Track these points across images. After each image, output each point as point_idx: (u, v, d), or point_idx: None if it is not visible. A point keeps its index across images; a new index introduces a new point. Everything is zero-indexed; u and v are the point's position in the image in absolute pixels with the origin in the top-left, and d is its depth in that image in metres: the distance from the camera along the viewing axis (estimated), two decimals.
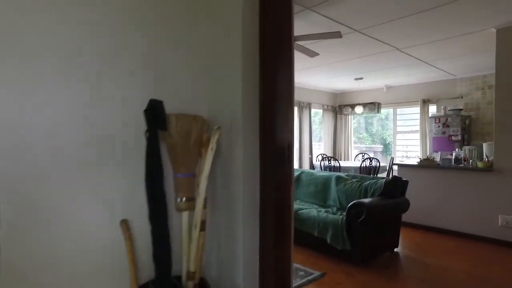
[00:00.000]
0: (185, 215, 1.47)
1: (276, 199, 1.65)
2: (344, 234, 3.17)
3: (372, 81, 7.16)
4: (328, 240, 3.30)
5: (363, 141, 9.50)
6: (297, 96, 7.78)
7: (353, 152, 8.69)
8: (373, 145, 9.63)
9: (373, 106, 6.76)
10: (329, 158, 6.31)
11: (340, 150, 8.76)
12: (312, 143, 8.12)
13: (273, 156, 1.61)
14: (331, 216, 3.44)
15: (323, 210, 3.79)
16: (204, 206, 1.44)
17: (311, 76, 6.77)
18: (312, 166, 7.16)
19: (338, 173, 4.33)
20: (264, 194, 1.61)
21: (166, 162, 1.44)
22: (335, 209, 3.89)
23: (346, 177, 4.14)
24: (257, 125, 1.63)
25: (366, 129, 9.75)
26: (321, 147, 8.67)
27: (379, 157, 8.76)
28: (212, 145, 1.36)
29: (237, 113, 1.56)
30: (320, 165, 6.45)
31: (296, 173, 4.79)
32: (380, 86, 7.71)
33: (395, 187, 3.52)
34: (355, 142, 8.92)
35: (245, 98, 1.56)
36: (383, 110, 7.95)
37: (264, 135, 1.61)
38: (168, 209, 1.39)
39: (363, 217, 3.07)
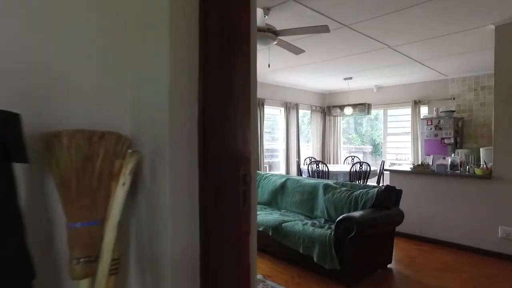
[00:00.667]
0: (83, 285, 0.98)
1: (227, 257, 1.16)
2: (333, 252, 2.83)
3: (362, 81, 6.87)
4: (315, 258, 2.95)
5: (352, 141, 9.24)
6: (284, 96, 7.44)
7: (343, 154, 8.41)
8: (363, 146, 9.38)
9: (363, 107, 6.47)
10: (317, 162, 5.98)
11: (329, 153, 8.46)
12: (300, 145, 7.80)
13: (221, 192, 1.12)
14: (318, 230, 3.09)
15: (309, 222, 3.44)
16: (113, 271, 0.99)
17: (297, 75, 6.44)
18: (299, 171, 6.83)
19: (326, 181, 3.99)
20: (207, 251, 1.09)
21: (56, 205, 0.99)
22: (322, 221, 3.55)
23: (334, 185, 3.80)
24: (195, 144, 1.10)
25: (356, 129, 9.50)
26: (309, 148, 8.35)
27: (368, 158, 8.51)
28: (124, 178, 0.93)
29: (162, 128, 1.05)
30: (308, 169, 6.12)
31: (281, 180, 4.44)
32: (370, 86, 7.43)
33: (388, 197, 3.20)
34: (344, 143, 8.63)
35: (174, 105, 1.05)
36: (373, 111, 7.67)
37: (206, 161, 1.09)
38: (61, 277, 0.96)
39: (353, 233, 2.73)
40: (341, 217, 2.86)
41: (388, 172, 4.51)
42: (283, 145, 7.47)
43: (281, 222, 3.46)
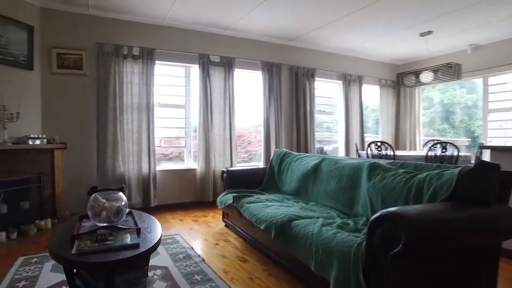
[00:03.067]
0: None
1: None
2: (360, 278, 1.51)
3: (448, 37, 5.02)
4: (331, 284, 1.66)
5: (444, 133, 7.09)
6: (342, 66, 5.97)
7: (422, 140, 6.52)
8: (457, 138, 7.18)
9: (450, 71, 4.65)
10: (379, 144, 4.44)
11: (404, 138, 6.66)
12: (365, 128, 6.21)
13: None
14: (342, 236, 1.78)
15: (338, 221, 2.13)
16: None
17: (357, 35, 4.95)
18: (358, 156, 5.33)
19: (374, 160, 2.58)
20: None
21: None
22: (363, 221, 2.19)
23: (387, 166, 2.38)
24: None
25: (447, 118, 7.30)
26: (378, 133, 6.69)
27: (463, 152, 6.42)
28: None
29: None
30: (367, 154, 4.62)
31: (315, 161, 3.15)
32: (461, 46, 5.47)
33: (484, 184, 1.69)
34: (427, 135, 6.70)
35: None
36: (467, 84, 5.68)
37: None
38: None
39: (399, 246, 1.37)
40: (377, 214, 1.50)
41: (489, 150, 2.83)
42: (342, 127, 6.01)
43: (293, 218, 2.22)
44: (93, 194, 1.94)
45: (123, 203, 1.97)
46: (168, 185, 4.55)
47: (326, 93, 6.10)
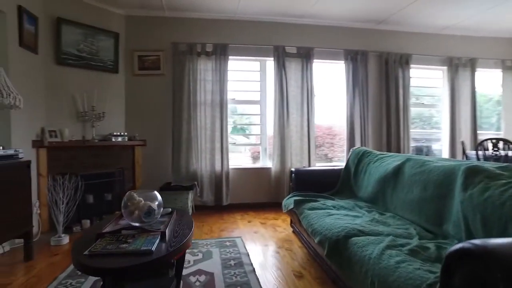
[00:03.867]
0: None
1: None
2: None
3: None
4: None
5: None
6: (445, 49, 4.96)
7: None
8: None
9: None
10: (497, 142, 3.44)
11: None
12: (478, 124, 5.02)
13: None
14: (407, 269, 1.27)
15: (412, 242, 1.58)
16: None
17: (468, 4, 3.96)
18: (465, 157, 4.30)
19: (475, 163, 1.88)
20: None
21: None
22: (452, 246, 1.58)
23: (494, 171, 1.69)
24: None
25: None
26: (501, 130, 5.34)
27: None
28: None
29: None
30: (477, 154, 3.65)
31: (397, 162, 2.55)
32: None
33: None
34: None
35: None
36: None
37: None
38: None
39: None
40: (458, 246, 0.97)
41: None
42: (446, 123, 4.98)
43: (353, 233, 1.75)
44: (129, 192, 1.86)
45: (157, 202, 1.84)
46: (241, 184, 4.42)
47: (425, 82, 5.14)
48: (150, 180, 4.14)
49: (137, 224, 1.73)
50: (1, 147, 2.46)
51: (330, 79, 4.74)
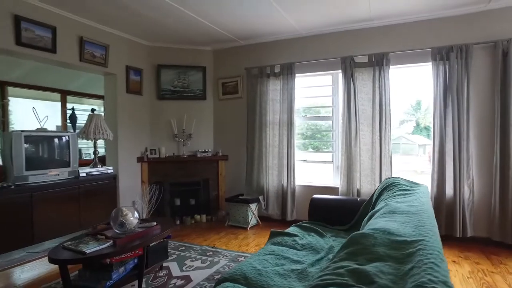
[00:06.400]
0: None
1: None
2: None
3: None
4: None
5: None
6: (501, 30, 3.15)
7: None
8: None
9: None
10: None
11: None
12: None
13: None
14: None
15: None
16: None
17: None
18: None
19: None
20: None
21: None
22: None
23: None
24: None
25: None
26: None
27: None
28: None
29: None
30: None
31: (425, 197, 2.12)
32: None
33: None
34: None
35: None
36: None
37: None
38: None
39: None
40: None
41: None
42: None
43: (234, 279, 1.75)
44: (117, 207, 2.55)
45: (131, 218, 2.45)
46: (307, 202, 4.39)
47: None
48: (230, 190, 4.80)
49: (118, 231, 2.39)
50: (101, 165, 3.74)
51: (410, 87, 3.91)
